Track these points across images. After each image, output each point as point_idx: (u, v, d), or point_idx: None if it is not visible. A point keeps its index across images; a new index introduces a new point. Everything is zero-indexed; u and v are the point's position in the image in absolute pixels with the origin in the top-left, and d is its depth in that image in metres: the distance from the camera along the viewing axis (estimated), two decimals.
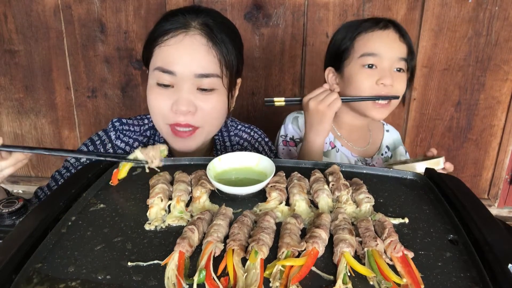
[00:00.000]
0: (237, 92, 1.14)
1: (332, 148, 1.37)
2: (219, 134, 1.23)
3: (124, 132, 1.13)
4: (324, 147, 1.29)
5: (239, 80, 1.12)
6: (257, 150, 1.24)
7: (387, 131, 1.53)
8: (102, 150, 1.12)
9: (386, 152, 1.49)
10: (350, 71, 1.27)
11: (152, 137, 1.15)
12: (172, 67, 0.94)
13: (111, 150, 1.11)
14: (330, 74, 1.35)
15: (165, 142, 1.13)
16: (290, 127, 1.40)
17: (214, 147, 1.22)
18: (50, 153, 0.89)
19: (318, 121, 1.17)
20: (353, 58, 1.26)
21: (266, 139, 1.29)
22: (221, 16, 1.06)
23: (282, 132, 1.42)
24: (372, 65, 1.23)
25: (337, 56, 1.31)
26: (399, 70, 1.25)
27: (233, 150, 1.22)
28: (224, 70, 0.99)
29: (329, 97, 1.16)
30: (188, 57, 0.94)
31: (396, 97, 1.26)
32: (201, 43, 0.95)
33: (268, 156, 1.19)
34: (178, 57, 0.94)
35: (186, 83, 0.95)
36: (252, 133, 1.27)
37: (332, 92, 1.18)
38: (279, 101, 1.20)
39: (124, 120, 1.14)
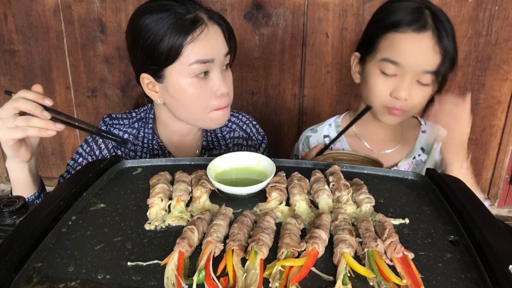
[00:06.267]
0: None
1: None
2: None
3: (114, 125, 1.18)
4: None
5: None
6: (245, 132, 1.29)
7: (423, 132, 1.29)
8: (94, 146, 1.16)
9: (419, 155, 1.27)
10: (368, 71, 1.12)
11: (141, 129, 1.20)
12: (210, 56, 1.04)
13: (102, 145, 1.16)
14: (355, 60, 1.20)
15: (152, 133, 1.19)
16: (300, 147, 1.31)
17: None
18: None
19: None
20: (374, 57, 1.10)
21: (254, 122, 1.34)
22: None
23: (294, 151, 1.34)
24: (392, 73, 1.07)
25: (364, 44, 1.15)
26: (423, 84, 1.07)
27: (221, 132, 1.27)
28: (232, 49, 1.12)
29: None
30: (218, 44, 1.06)
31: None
32: (221, 32, 1.08)
33: (256, 139, 1.29)
34: (211, 47, 1.04)
35: (218, 66, 1.06)
36: (240, 117, 1.32)
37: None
38: None
39: (113, 115, 1.21)
